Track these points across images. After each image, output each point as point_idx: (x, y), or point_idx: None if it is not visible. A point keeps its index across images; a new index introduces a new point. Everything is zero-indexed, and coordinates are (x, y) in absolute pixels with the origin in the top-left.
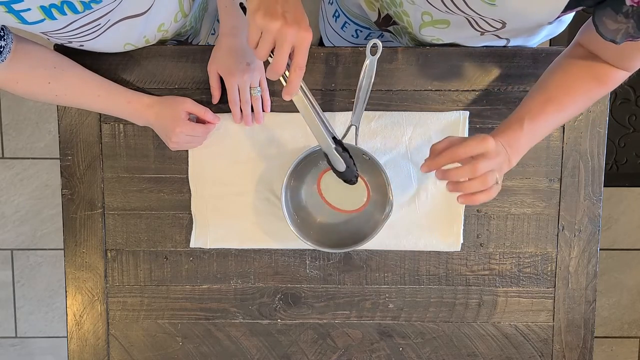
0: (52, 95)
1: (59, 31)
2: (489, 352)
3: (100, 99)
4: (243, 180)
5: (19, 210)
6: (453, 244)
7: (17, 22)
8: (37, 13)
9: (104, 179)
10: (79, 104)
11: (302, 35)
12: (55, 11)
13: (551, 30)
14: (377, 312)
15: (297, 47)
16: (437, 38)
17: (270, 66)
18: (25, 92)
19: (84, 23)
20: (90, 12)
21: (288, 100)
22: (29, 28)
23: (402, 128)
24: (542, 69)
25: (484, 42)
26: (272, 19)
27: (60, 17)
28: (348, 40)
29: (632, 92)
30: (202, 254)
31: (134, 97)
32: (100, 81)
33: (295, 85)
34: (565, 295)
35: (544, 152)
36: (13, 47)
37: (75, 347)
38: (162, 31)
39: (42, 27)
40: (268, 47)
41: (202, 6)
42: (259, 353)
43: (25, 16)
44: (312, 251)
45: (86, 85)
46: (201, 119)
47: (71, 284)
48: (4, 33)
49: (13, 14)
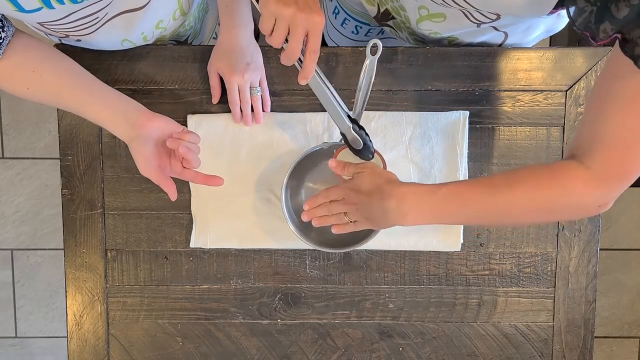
0: (35, 99)
1: (56, 22)
2: (489, 352)
3: (74, 110)
4: (243, 180)
5: (19, 210)
6: (453, 244)
7: (14, 9)
8: (35, 0)
9: (104, 179)
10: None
11: (315, 20)
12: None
13: (550, 25)
14: (377, 312)
15: (311, 31)
16: (435, 32)
17: (285, 52)
18: (14, 92)
19: (81, 16)
20: (89, 4)
21: (304, 84)
22: (27, 17)
23: (402, 128)
24: (542, 69)
25: (483, 36)
26: (285, 6)
27: (58, 7)
28: (348, 37)
29: None
30: (202, 254)
31: (105, 119)
32: (76, 92)
33: (311, 70)
34: (565, 295)
35: (544, 152)
36: (13, 41)
37: (75, 347)
38: (160, 28)
39: (39, 16)
40: (283, 34)
41: (201, 7)
42: (259, 353)
43: (23, 3)
44: (312, 251)
45: (60, 96)
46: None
47: (71, 284)
48: (4, 24)
49: (10, 1)
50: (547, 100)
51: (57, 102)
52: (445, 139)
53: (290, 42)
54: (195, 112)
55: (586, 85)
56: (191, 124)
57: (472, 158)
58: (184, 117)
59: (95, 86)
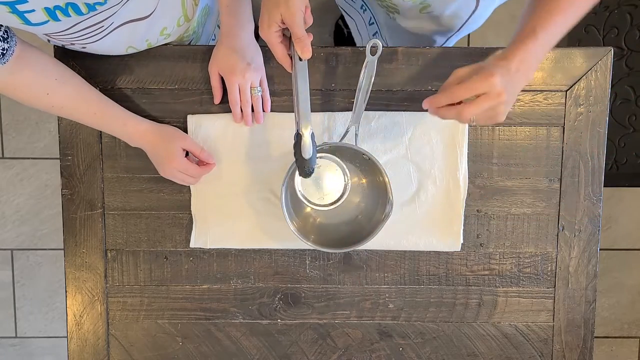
0: (49, 106)
1: (61, 33)
2: (489, 352)
3: (96, 117)
4: (243, 180)
5: (19, 210)
6: (453, 244)
7: (21, 22)
8: (41, 14)
9: (104, 179)
10: (75, 117)
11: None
12: (59, 13)
13: None
14: (377, 312)
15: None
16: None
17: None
18: (23, 99)
19: (87, 25)
20: (94, 14)
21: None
22: (33, 29)
23: (402, 128)
24: (542, 69)
25: (454, 2)
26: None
27: (64, 19)
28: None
29: (632, 92)
30: (202, 254)
31: (131, 120)
32: (99, 99)
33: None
34: (565, 295)
35: (544, 152)
36: (17, 53)
37: (75, 347)
38: (164, 35)
39: (46, 28)
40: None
41: (204, 11)
42: (259, 353)
43: (29, 17)
44: (312, 251)
45: (84, 101)
46: (197, 157)
47: (71, 284)
48: (8, 35)
49: (17, 15)
50: (547, 100)
51: (75, 110)
52: (445, 139)
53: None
54: (195, 112)
55: (586, 85)
56: (191, 124)
57: (472, 158)
58: (184, 117)
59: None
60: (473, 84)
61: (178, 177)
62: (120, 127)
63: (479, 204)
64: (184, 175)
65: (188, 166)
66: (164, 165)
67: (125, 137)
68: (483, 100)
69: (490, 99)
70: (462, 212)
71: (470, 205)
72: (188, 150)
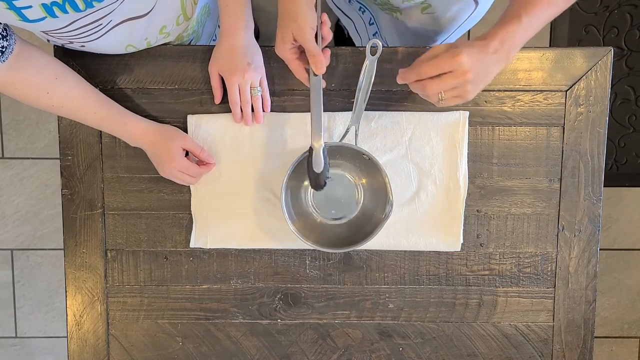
0: (49, 105)
1: (60, 30)
2: (489, 352)
3: (97, 116)
4: (243, 180)
5: (19, 210)
6: (453, 244)
7: (18, 19)
8: (39, 10)
9: (104, 179)
10: (75, 117)
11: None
12: (56, 9)
13: None
14: (377, 312)
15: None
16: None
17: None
18: (23, 97)
19: (85, 23)
20: (92, 12)
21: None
22: (30, 26)
23: (402, 128)
24: (542, 69)
25: (457, 4)
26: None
27: (61, 15)
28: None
29: (632, 92)
30: (202, 254)
31: (131, 120)
32: (99, 98)
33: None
34: (565, 295)
35: (544, 152)
36: (17, 51)
37: (75, 347)
38: (164, 33)
39: (44, 25)
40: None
41: (204, 10)
42: (259, 353)
43: (27, 13)
44: (312, 251)
45: (84, 100)
46: (197, 157)
47: (71, 284)
48: (7, 33)
49: (14, 11)
50: (547, 100)
51: (75, 109)
52: (445, 139)
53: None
54: (195, 112)
55: (586, 85)
56: (191, 124)
57: (472, 158)
58: (184, 117)
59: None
60: (438, 62)
61: (178, 177)
62: (120, 127)
63: (479, 204)
64: (184, 175)
65: (188, 166)
66: (164, 165)
67: (125, 137)
68: (447, 78)
69: (455, 77)
70: (462, 212)
71: (470, 205)
72: (188, 150)
